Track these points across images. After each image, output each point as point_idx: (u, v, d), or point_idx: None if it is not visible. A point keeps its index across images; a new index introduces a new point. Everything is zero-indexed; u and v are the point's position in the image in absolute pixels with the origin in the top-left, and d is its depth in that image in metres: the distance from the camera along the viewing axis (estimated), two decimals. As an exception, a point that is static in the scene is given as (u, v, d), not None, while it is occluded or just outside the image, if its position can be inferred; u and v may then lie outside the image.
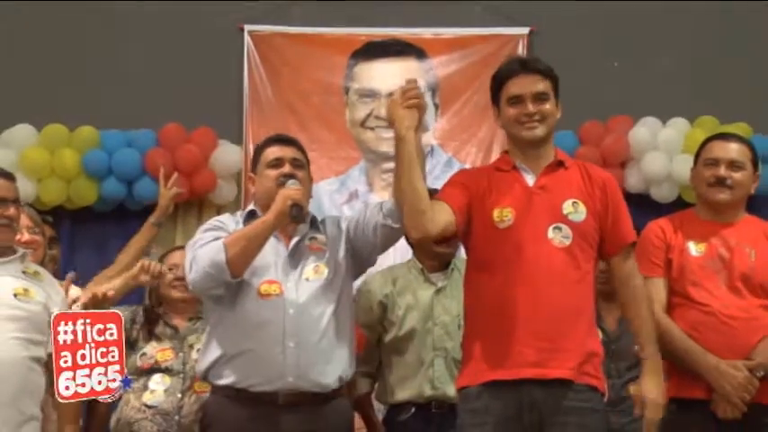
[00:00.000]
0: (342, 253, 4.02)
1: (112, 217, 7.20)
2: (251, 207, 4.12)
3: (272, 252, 3.93)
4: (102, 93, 7.28)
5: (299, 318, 3.84)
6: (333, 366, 3.88)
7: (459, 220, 3.74)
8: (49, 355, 3.90)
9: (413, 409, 4.59)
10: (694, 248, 4.09)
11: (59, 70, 7.34)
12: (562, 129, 6.91)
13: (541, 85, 3.77)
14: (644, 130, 7.15)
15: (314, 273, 3.94)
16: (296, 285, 3.89)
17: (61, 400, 3.53)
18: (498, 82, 3.82)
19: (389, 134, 7.38)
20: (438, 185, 7.35)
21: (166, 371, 4.42)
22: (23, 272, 3.99)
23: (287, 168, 4.01)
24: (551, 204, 3.70)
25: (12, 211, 3.97)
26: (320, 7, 7.49)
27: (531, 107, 3.74)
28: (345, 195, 7.42)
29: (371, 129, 7.45)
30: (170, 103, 7.27)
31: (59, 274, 4.92)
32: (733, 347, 3.91)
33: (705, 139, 4.28)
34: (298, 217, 3.86)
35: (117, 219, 7.15)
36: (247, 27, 7.52)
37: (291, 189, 3.88)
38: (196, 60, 7.38)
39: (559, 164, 3.81)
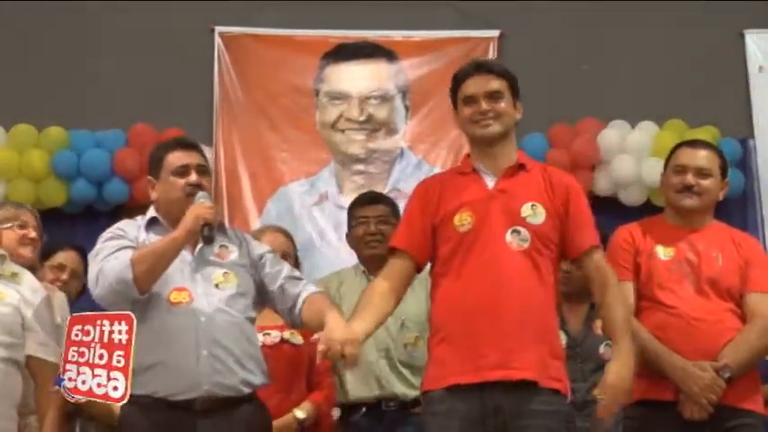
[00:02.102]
0: (249, 275, 3.96)
1: (82, 218, 7.18)
2: (152, 214, 4.00)
3: (178, 258, 3.83)
4: (71, 93, 7.25)
5: (211, 325, 3.77)
6: (246, 373, 3.83)
7: (421, 254, 3.82)
8: (28, 357, 3.90)
9: (363, 409, 4.65)
10: (662, 252, 4.12)
11: (28, 70, 7.30)
12: (532, 131, 6.96)
13: (495, 84, 3.80)
14: (613, 133, 7.18)
15: (223, 279, 3.87)
16: (205, 292, 3.82)
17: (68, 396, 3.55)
18: (455, 84, 3.88)
19: (360, 136, 7.49)
20: (408, 188, 7.41)
21: None
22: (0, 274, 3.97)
23: (194, 177, 3.91)
24: (510, 207, 3.71)
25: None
26: (291, 9, 7.49)
27: (484, 105, 3.77)
28: (316, 197, 7.42)
29: (341, 131, 7.45)
30: (140, 104, 7.25)
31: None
32: (700, 349, 3.94)
33: (674, 146, 4.33)
34: (209, 237, 3.80)
35: (86, 220, 7.13)
36: (218, 28, 7.52)
37: (203, 207, 3.81)
38: (166, 61, 7.36)
39: (520, 167, 3.82)
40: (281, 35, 7.55)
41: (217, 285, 3.85)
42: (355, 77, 7.52)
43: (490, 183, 3.79)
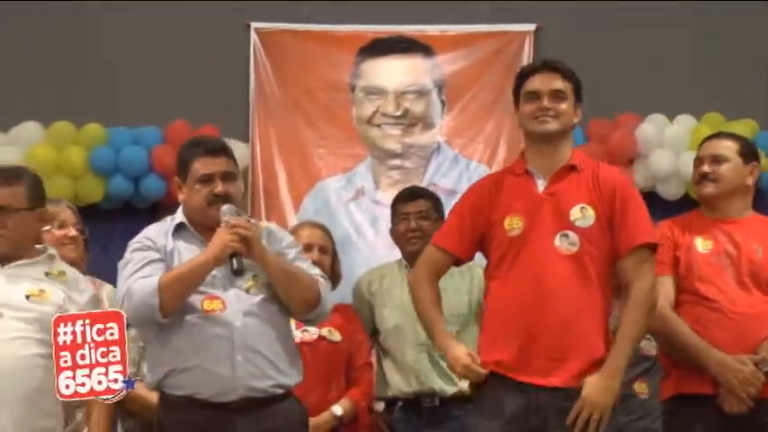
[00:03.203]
0: None
1: (119, 214, 7.22)
2: (180, 219, 3.96)
3: None
4: (109, 89, 7.28)
5: (245, 331, 3.78)
6: (281, 376, 3.84)
7: (464, 254, 3.86)
8: None
9: (400, 404, 4.66)
10: (701, 245, 4.10)
11: (66, 67, 7.34)
12: (569, 125, 6.93)
13: (560, 84, 3.79)
14: (651, 127, 7.15)
15: (253, 282, 3.85)
16: (238, 298, 3.82)
17: (61, 398, 3.53)
18: (519, 80, 3.86)
19: (396, 131, 7.49)
20: (444, 183, 7.40)
21: None
22: (47, 273, 3.94)
23: (219, 187, 3.85)
24: (559, 211, 3.71)
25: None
26: (327, 4, 7.49)
27: (546, 102, 3.75)
28: (352, 192, 7.43)
29: (378, 126, 7.45)
30: (176, 100, 7.27)
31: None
32: (740, 343, 3.92)
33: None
34: (239, 270, 3.77)
35: (124, 216, 7.16)
36: (254, 24, 7.53)
37: (229, 235, 3.74)
38: (202, 57, 7.38)
39: (572, 168, 3.79)
40: (317, 30, 7.55)
41: (247, 290, 3.85)
42: (391, 72, 7.51)
43: (541, 185, 3.78)
